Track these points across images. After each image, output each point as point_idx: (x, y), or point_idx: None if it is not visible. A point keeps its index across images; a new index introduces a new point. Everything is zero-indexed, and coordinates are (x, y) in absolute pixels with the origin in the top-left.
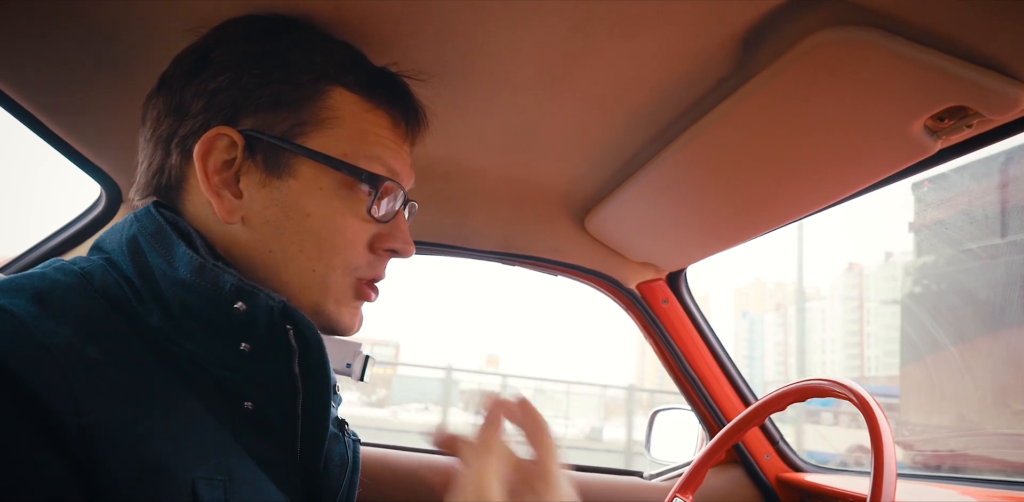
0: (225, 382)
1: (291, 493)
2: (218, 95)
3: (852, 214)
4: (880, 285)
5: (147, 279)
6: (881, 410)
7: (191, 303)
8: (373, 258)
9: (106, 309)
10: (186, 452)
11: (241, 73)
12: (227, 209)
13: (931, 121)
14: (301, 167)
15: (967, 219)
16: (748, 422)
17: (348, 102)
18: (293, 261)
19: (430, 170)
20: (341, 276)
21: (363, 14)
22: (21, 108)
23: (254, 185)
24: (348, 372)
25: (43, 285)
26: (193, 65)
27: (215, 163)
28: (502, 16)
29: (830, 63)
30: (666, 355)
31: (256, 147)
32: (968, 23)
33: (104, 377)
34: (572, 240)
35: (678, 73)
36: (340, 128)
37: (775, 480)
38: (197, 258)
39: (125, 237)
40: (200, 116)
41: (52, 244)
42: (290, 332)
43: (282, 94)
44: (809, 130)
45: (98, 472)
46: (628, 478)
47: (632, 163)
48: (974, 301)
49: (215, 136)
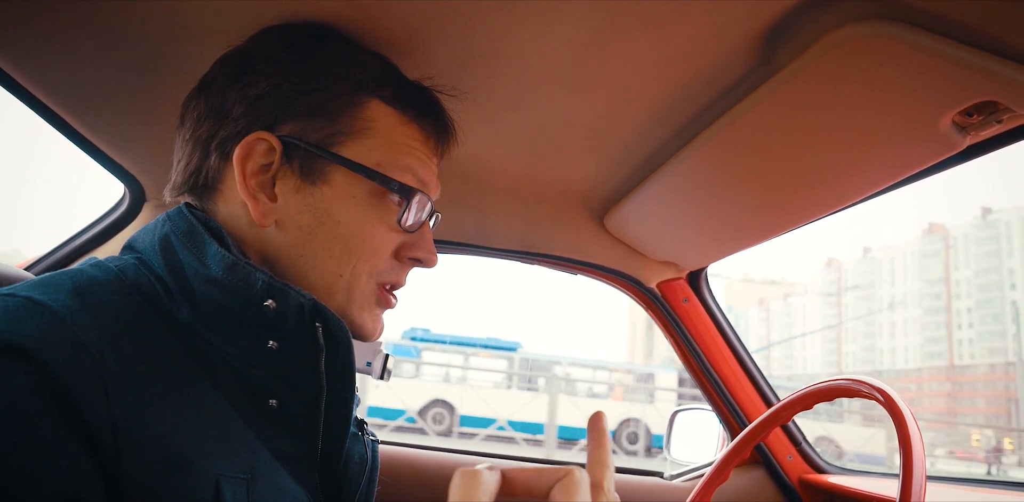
0: (251, 379)
1: (312, 490)
2: (259, 101)
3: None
4: (858, 280)
5: (178, 277)
6: (909, 410)
7: (221, 300)
8: (397, 265)
9: (140, 305)
10: (211, 449)
11: (282, 80)
12: (262, 212)
13: (959, 117)
14: (335, 175)
15: None
16: (773, 421)
17: (384, 114)
18: (322, 265)
19: (450, 170)
20: (366, 282)
21: (382, 14)
22: (47, 107)
23: (289, 190)
24: (369, 371)
25: (81, 280)
26: (235, 69)
27: (253, 166)
28: (524, 15)
29: (855, 58)
30: (687, 354)
31: (293, 153)
32: (996, 16)
33: (135, 371)
34: (592, 239)
35: (700, 70)
36: (374, 139)
37: (798, 481)
38: (229, 256)
39: (158, 236)
40: (241, 120)
41: (77, 243)
42: (319, 330)
43: (321, 103)
44: (833, 126)
45: (124, 465)
46: (649, 479)
47: (653, 161)
48: None
49: (255, 140)
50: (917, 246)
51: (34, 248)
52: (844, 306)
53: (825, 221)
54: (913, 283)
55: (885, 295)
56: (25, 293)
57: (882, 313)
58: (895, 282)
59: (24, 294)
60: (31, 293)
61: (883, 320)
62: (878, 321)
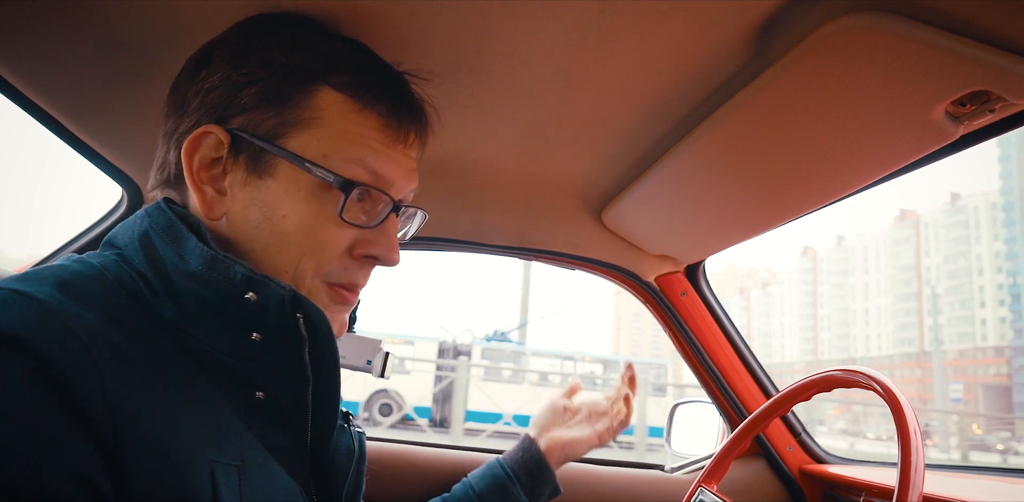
0: (238, 372)
1: (302, 481)
2: (211, 94)
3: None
4: (832, 268)
5: (159, 272)
6: (907, 400)
7: (203, 294)
8: (351, 263)
9: (125, 298)
10: (204, 436)
11: (232, 72)
12: (208, 205)
13: (952, 106)
14: (280, 168)
15: None
16: (772, 412)
17: (334, 102)
18: (270, 260)
19: (446, 166)
20: (311, 280)
21: (377, 11)
22: (43, 111)
23: (238, 184)
24: (368, 369)
25: (64, 274)
26: (195, 64)
27: (202, 160)
28: (518, 11)
29: (848, 50)
30: (685, 347)
31: (241, 146)
32: (988, 6)
33: (128, 360)
34: (589, 234)
35: (694, 65)
36: (321, 128)
37: (798, 472)
38: (208, 250)
39: (137, 232)
40: (195, 114)
41: (76, 246)
42: (300, 321)
43: (267, 93)
44: (828, 118)
45: (122, 452)
46: (650, 471)
47: (649, 155)
48: None
49: (202, 134)
50: (889, 233)
51: (18, 249)
52: (820, 294)
53: None
54: (885, 270)
55: (859, 283)
56: (10, 286)
57: (856, 301)
58: (868, 270)
59: (9, 287)
60: (16, 286)
61: (857, 308)
62: (852, 309)
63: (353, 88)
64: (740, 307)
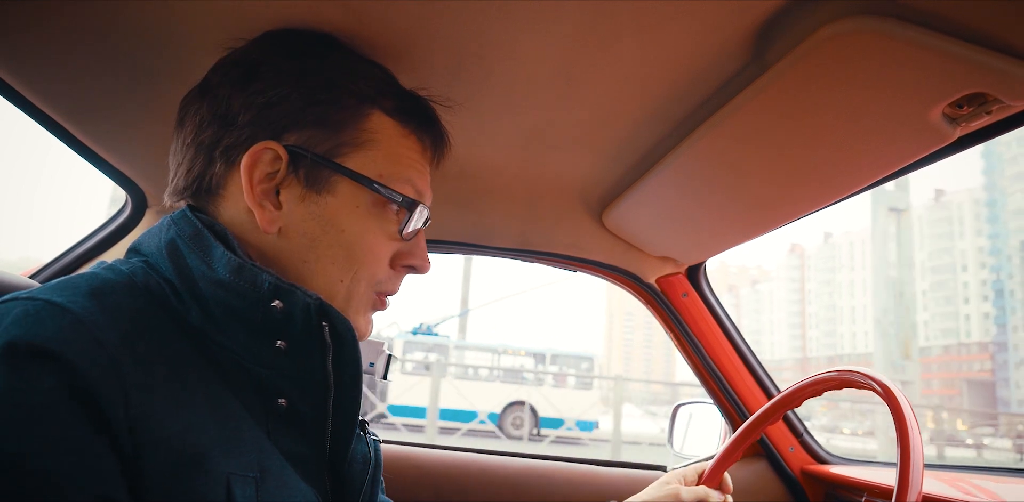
0: (261, 379)
1: (321, 490)
2: (267, 109)
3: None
4: (820, 265)
5: (186, 280)
6: (907, 400)
7: (229, 302)
8: (392, 274)
9: (153, 307)
10: (223, 448)
11: (291, 91)
12: (268, 220)
13: (950, 108)
14: (340, 185)
15: None
16: (774, 412)
17: (386, 126)
18: (324, 271)
19: (447, 169)
20: (365, 288)
21: (378, 15)
22: (46, 116)
23: (294, 198)
24: (372, 371)
25: (96, 283)
26: (242, 76)
27: (260, 175)
28: (518, 17)
29: (845, 52)
30: (687, 349)
31: (299, 163)
32: (985, 9)
33: (151, 371)
34: (590, 236)
35: (693, 68)
36: (377, 150)
37: (800, 472)
38: (235, 259)
39: (163, 240)
40: (247, 128)
41: (82, 249)
42: (325, 329)
43: (328, 115)
44: (827, 120)
45: (140, 463)
46: (652, 472)
47: (649, 158)
48: None
49: (262, 149)
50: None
51: (11, 251)
52: (807, 292)
53: None
54: (872, 267)
55: (845, 280)
56: (44, 296)
57: (843, 298)
58: (854, 267)
59: (43, 297)
60: (50, 296)
61: (844, 305)
62: (839, 306)
63: (400, 114)
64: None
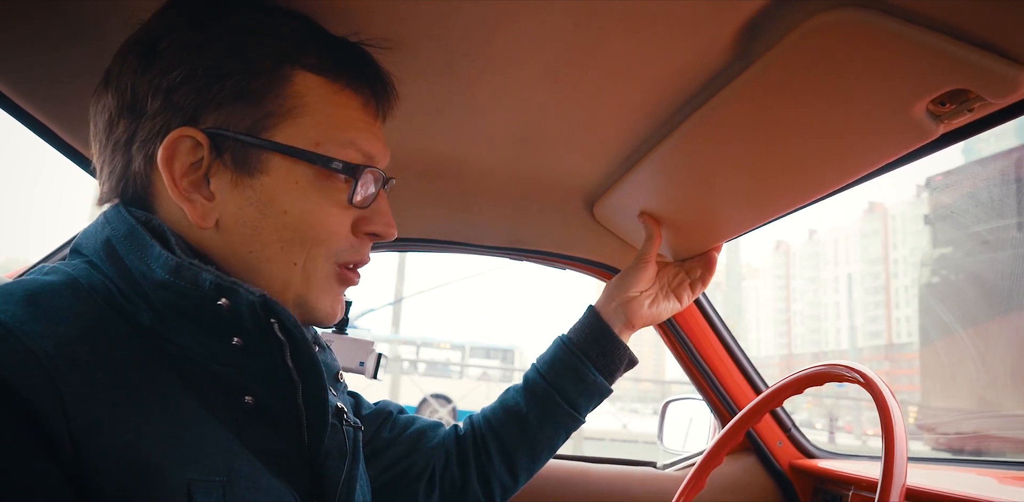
0: (223, 378)
1: (298, 486)
2: (174, 92)
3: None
4: (804, 262)
5: (129, 281)
6: (892, 393)
7: (175, 302)
8: (356, 242)
9: (100, 308)
10: (180, 453)
11: (195, 66)
12: (200, 214)
13: (933, 105)
14: (272, 162)
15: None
16: (762, 408)
17: (313, 86)
18: (274, 258)
19: (436, 168)
20: (323, 264)
21: (366, 13)
22: (37, 121)
23: (226, 186)
24: (361, 370)
25: (33, 287)
26: (141, 58)
27: (181, 167)
28: (506, 12)
29: (830, 46)
30: (676, 344)
31: (223, 146)
32: (969, 5)
33: (94, 379)
34: (580, 234)
35: (681, 63)
36: (308, 116)
37: (788, 467)
38: (173, 258)
39: (100, 240)
40: (159, 117)
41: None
42: (275, 325)
43: (242, 86)
44: (811, 115)
45: (89, 476)
46: (642, 468)
47: (637, 152)
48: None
49: (177, 139)
50: (859, 226)
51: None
52: (793, 289)
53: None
54: (856, 264)
55: (830, 277)
56: None
57: (828, 294)
58: (839, 263)
59: None
60: None
61: (829, 301)
62: (824, 303)
63: (327, 69)
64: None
